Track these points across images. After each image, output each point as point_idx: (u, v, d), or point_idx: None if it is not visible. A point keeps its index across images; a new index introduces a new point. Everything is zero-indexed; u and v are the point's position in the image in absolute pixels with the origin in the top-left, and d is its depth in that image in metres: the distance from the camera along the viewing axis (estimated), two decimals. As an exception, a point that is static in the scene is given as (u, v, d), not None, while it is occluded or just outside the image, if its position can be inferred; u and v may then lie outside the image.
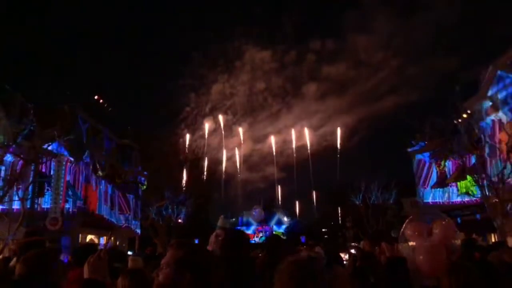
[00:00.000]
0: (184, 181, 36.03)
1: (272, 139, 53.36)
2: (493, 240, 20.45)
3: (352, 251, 12.52)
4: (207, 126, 52.41)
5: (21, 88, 19.19)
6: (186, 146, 45.29)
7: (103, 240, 27.29)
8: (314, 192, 53.09)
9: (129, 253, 19.34)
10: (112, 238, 28.89)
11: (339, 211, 46.18)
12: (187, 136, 48.22)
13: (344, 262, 8.19)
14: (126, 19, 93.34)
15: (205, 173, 43.60)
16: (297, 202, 53.87)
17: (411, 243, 3.97)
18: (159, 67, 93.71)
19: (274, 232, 40.11)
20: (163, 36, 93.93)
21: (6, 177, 17.61)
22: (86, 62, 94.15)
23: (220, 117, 53.90)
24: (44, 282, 2.53)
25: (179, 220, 33.62)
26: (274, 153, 53.75)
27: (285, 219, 47.48)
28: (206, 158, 48.17)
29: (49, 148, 20.48)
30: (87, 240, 26.36)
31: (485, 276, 2.56)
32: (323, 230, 51.96)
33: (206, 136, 51.45)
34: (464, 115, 24.47)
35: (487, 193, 19.75)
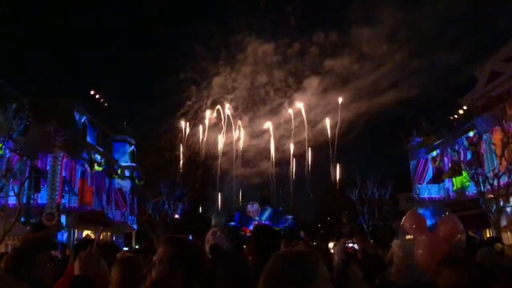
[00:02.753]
0: (180, 177, 36.00)
1: (271, 128, 53.19)
2: (488, 235, 20.58)
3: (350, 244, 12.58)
4: (208, 113, 52.21)
5: (17, 83, 19.07)
6: (185, 135, 45.20)
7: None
8: (310, 188, 53.23)
9: (125, 248, 19.36)
10: (109, 233, 28.88)
11: (335, 207, 46.34)
12: (185, 128, 48.17)
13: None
14: (126, 12, 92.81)
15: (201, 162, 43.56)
16: (293, 198, 54.02)
17: (409, 237, 3.94)
18: (159, 61, 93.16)
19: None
20: (163, 29, 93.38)
21: (1, 173, 17.52)
22: (83, 56, 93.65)
23: (219, 108, 53.74)
24: (27, 276, 2.51)
25: (176, 216, 33.63)
26: (272, 150, 53.74)
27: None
28: (203, 152, 48.18)
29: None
30: (83, 235, 26.34)
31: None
32: (319, 225, 52.17)
33: (207, 125, 51.31)
34: (460, 111, 24.57)
35: (482, 189, 19.86)
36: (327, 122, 50.75)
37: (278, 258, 1.46)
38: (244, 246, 4.83)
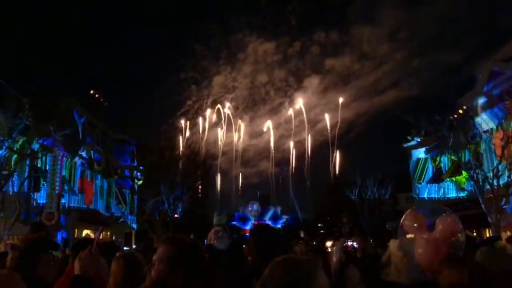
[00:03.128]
0: (180, 176, 35.97)
1: (271, 127, 53.27)
2: (487, 235, 20.58)
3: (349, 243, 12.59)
4: (208, 112, 52.23)
5: (17, 83, 19.05)
6: (185, 135, 45.18)
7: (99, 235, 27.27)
8: (309, 187, 53.18)
9: (125, 248, 19.37)
10: (108, 233, 28.88)
11: (336, 205, 46.31)
12: (185, 127, 48.19)
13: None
14: (126, 12, 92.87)
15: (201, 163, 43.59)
16: (293, 198, 53.98)
17: (409, 236, 3.91)
18: (159, 61, 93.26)
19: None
20: (163, 29, 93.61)
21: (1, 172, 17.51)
22: (83, 56, 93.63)
23: (219, 107, 53.78)
24: (31, 275, 2.51)
25: (176, 215, 33.60)
26: (272, 149, 53.72)
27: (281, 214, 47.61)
28: (203, 151, 48.18)
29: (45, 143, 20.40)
30: (83, 235, 26.35)
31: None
32: (319, 225, 52.17)
33: (207, 125, 51.32)
34: (460, 111, 24.55)
35: (482, 189, 19.85)
36: (327, 118, 50.91)
37: (276, 265, 1.44)
38: (244, 246, 4.85)
